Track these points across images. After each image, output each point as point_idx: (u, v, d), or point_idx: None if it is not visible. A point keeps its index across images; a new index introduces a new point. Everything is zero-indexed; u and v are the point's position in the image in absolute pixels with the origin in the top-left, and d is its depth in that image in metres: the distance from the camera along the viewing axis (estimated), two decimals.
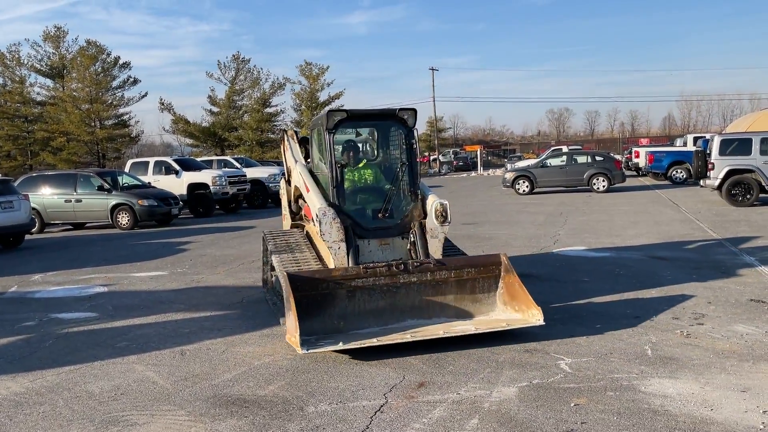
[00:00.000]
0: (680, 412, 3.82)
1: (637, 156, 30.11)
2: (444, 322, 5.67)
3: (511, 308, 5.80)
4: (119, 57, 43.44)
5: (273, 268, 6.94)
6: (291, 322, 5.10)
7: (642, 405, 3.94)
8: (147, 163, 21.69)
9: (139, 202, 16.93)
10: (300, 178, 7.07)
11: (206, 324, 6.50)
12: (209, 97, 47.94)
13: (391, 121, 6.64)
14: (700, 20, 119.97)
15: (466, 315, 5.84)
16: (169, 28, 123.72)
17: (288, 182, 8.14)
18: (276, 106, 49.13)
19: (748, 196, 15.51)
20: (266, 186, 22.77)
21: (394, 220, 6.40)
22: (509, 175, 24.18)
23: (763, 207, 15.30)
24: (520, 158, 49.07)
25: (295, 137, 8.37)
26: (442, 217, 6.25)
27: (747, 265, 8.28)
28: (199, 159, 25.77)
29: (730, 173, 15.63)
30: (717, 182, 15.74)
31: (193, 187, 20.22)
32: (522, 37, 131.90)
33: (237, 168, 23.21)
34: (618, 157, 29.75)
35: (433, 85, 62.36)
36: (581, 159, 24.14)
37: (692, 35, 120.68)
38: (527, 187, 23.24)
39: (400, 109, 6.48)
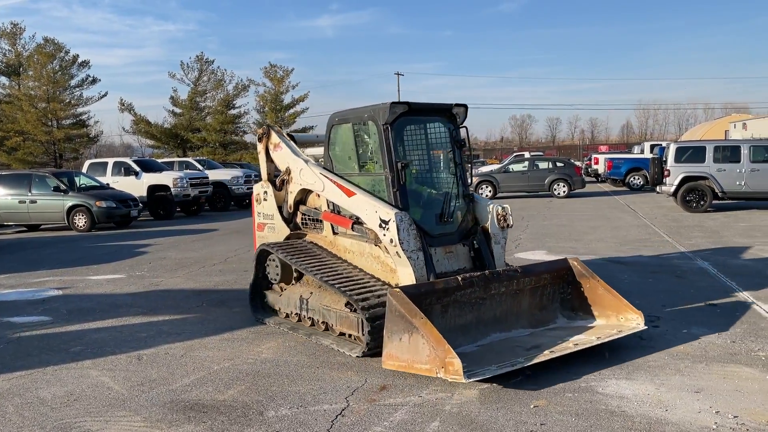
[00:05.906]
0: (636, 413, 3.89)
1: (597, 162, 30.86)
2: (540, 333, 5.36)
3: (600, 314, 5.62)
4: (78, 55, 42.32)
5: (268, 285, 6.42)
6: (431, 345, 4.34)
7: (599, 406, 4.01)
8: (106, 163, 21.22)
9: (97, 203, 16.54)
10: (324, 180, 6.04)
11: (164, 328, 6.37)
12: (171, 98, 47.11)
13: (442, 118, 5.96)
14: (659, 32, 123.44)
15: (547, 322, 5.60)
16: (132, 27, 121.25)
17: (276, 186, 6.91)
18: (240, 107, 48.63)
19: (702, 203, 15.98)
20: (229, 188, 22.54)
21: (453, 225, 5.78)
22: (472, 180, 24.37)
23: (716, 213, 15.77)
24: (483, 163, 49.55)
25: (283, 133, 7.08)
26: (504, 221, 5.88)
27: (701, 269, 8.51)
28: (160, 160, 25.34)
29: (684, 180, 16.10)
30: (672, 189, 16.21)
31: (153, 189, 19.85)
32: (487, 44, 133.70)
33: (199, 170, 22.89)
34: (578, 163, 30.34)
35: (399, 90, 62.74)
36: (543, 165, 24.52)
37: (651, 46, 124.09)
38: (490, 192, 23.48)
39: (455, 105, 5.90)
